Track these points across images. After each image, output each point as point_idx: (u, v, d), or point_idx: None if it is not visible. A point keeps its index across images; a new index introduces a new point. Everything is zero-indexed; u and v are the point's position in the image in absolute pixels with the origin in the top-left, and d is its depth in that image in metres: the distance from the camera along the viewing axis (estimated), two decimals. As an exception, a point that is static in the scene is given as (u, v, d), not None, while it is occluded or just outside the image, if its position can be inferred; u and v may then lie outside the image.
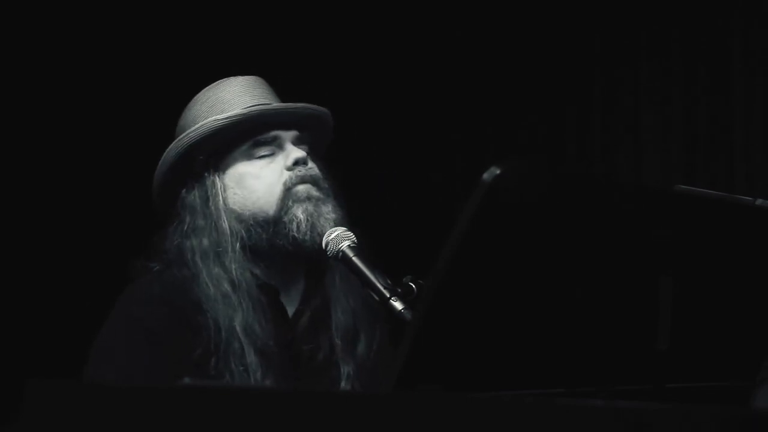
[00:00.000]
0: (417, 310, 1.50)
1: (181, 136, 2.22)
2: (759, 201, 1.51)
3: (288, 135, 2.22)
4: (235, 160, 2.21)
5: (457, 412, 1.11)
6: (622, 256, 1.40)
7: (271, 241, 2.16)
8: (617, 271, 1.41)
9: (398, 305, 1.97)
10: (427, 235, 4.00)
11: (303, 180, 2.18)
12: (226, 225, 2.17)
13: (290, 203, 2.16)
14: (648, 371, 1.47)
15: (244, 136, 2.20)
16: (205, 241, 2.17)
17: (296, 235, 2.14)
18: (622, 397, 1.42)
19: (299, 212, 2.15)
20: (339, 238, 2.12)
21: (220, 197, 2.19)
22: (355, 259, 2.08)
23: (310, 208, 2.15)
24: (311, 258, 2.19)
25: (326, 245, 2.12)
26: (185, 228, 2.20)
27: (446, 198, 4.63)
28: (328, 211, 2.17)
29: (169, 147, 2.23)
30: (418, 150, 4.70)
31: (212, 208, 2.18)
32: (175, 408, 1.25)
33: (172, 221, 2.23)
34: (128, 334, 2.11)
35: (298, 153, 2.19)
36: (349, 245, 2.10)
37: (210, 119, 2.19)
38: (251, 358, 2.09)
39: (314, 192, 2.17)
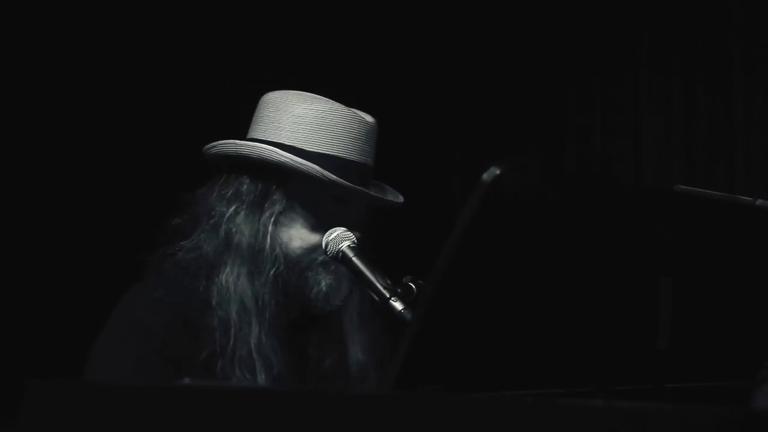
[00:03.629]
0: (416, 310, 1.50)
1: (277, 153, 2.11)
2: (759, 201, 1.51)
3: (360, 205, 2.18)
4: (305, 196, 2.15)
5: (457, 412, 1.11)
6: (622, 256, 1.40)
7: (291, 285, 2.14)
8: (617, 271, 1.41)
9: (398, 305, 1.96)
10: (427, 235, 4.00)
11: None
12: (269, 248, 2.12)
13: (321, 270, 2.13)
14: (648, 371, 1.47)
15: (327, 187, 2.13)
16: (244, 245, 2.12)
17: (310, 296, 2.13)
18: (622, 397, 1.42)
19: (323, 282, 2.13)
20: (339, 238, 2.11)
21: (274, 218, 2.14)
22: (355, 259, 2.07)
23: (334, 282, 2.13)
24: None
25: (326, 245, 2.12)
26: (228, 213, 2.14)
27: (446, 198, 4.64)
28: (348, 285, 2.15)
29: (261, 146, 2.13)
30: (418, 150, 4.70)
31: (263, 222, 2.14)
32: (175, 408, 1.25)
33: (213, 189, 2.17)
34: (129, 339, 2.09)
35: (356, 233, 2.14)
36: (349, 245, 2.10)
37: (316, 168, 2.09)
38: (261, 379, 2.08)
39: (344, 269, 2.13)
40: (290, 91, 2.22)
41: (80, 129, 4.17)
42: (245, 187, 2.15)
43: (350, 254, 2.08)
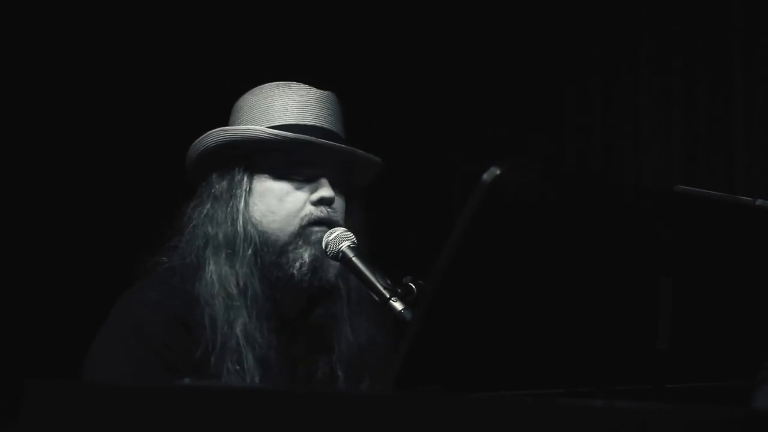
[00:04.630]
0: (416, 311, 1.50)
1: (224, 130, 2.18)
2: (759, 201, 1.51)
3: (326, 167, 2.19)
4: (268, 169, 2.18)
5: (457, 412, 1.11)
6: (622, 256, 1.40)
7: (273, 264, 2.15)
8: (617, 271, 1.41)
9: (398, 305, 1.96)
10: (427, 235, 4.00)
11: (320, 222, 2.15)
12: (241, 229, 2.15)
13: (301, 242, 2.14)
14: (648, 371, 1.47)
15: (285, 153, 2.16)
16: (221, 235, 2.15)
17: (295, 273, 2.13)
18: (622, 397, 1.42)
19: (306, 255, 2.13)
20: (339, 238, 2.11)
21: (243, 199, 2.17)
22: (354, 259, 2.07)
23: (318, 254, 2.13)
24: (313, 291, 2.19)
25: (326, 246, 2.12)
26: (204, 213, 2.19)
27: (446, 198, 4.64)
28: (332, 264, 2.15)
29: (210, 132, 2.19)
30: (419, 150, 4.70)
31: (233, 206, 2.16)
32: (175, 408, 1.25)
33: (194, 200, 2.22)
34: (127, 339, 2.09)
35: (326, 192, 2.16)
36: (348, 245, 2.10)
37: (258, 128, 2.15)
38: (249, 363, 2.08)
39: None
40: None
41: (81, 131, 4.18)
42: (213, 183, 2.20)
43: (350, 254, 2.08)
